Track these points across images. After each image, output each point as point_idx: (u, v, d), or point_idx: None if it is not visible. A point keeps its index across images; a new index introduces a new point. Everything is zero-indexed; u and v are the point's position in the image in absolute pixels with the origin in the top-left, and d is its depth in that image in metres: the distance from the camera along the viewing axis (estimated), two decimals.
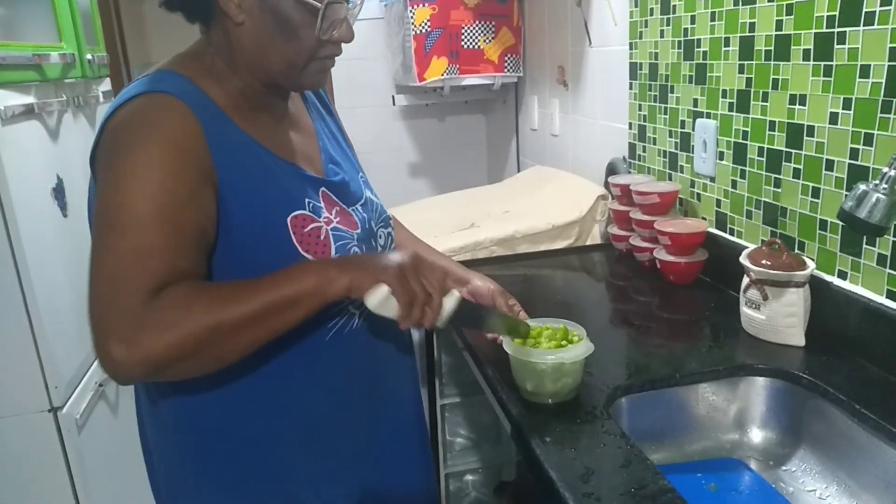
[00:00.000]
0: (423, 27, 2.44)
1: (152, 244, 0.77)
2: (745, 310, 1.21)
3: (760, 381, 1.11)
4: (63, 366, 1.54)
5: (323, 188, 0.94)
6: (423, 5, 2.43)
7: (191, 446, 0.93)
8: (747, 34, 1.33)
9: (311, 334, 0.89)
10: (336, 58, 0.93)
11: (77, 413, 1.57)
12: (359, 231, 0.95)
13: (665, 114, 1.65)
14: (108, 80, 2.16)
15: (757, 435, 1.12)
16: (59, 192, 1.63)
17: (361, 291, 0.82)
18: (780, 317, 1.14)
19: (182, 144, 0.81)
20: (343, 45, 0.92)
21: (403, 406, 1.05)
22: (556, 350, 1.00)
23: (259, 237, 0.86)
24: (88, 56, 1.91)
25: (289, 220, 0.87)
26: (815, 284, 1.16)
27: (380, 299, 0.82)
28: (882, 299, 1.08)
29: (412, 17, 2.43)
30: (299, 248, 0.87)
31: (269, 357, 0.87)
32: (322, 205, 0.92)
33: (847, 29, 1.09)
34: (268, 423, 0.91)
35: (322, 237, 0.89)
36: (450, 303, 0.89)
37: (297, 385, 0.91)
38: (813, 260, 1.18)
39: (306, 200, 0.90)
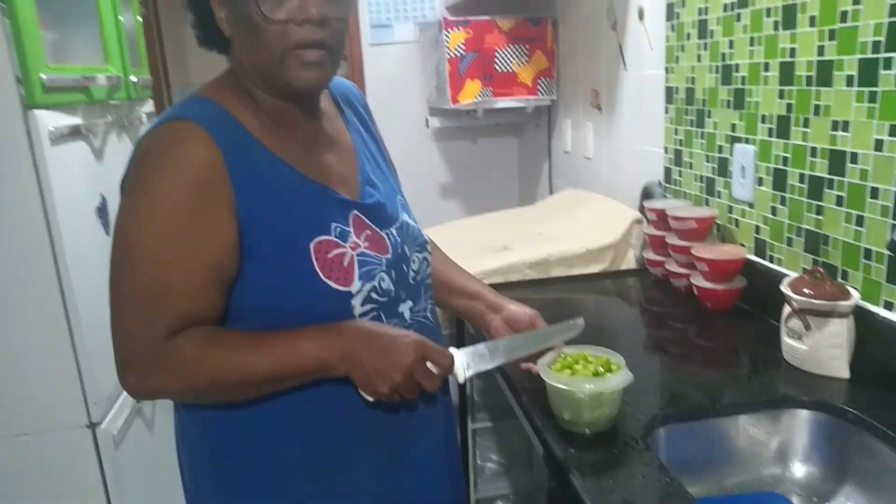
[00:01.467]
0: (458, 50, 2.47)
1: (168, 287, 0.83)
2: (786, 339, 1.18)
3: (803, 414, 1.08)
4: (102, 382, 1.57)
5: (354, 211, 0.94)
6: (458, 29, 2.46)
7: (217, 464, 0.94)
8: (788, 59, 1.31)
9: None
10: (371, 80, 0.93)
11: (115, 429, 1.60)
12: (389, 256, 0.95)
13: (702, 138, 1.63)
14: (150, 101, 2.21)
15: (800, 469, 1.09)
16: (102, 210, 1.67)
17: (356, 383, 0.87)
18: (823, 348, 1.12)
19: (200, 177, 0.83)
20: (376, 67, 0.92)
21: (433, 431, 1.04)
22: (594, 379, 0.99)
23: (281, 262, 0.87)
24: (133, 78, 1.96)
25: (312, 245, 0.88)
26: (860, 315, 1.13)
27: (369, 399, 0.89)
28: None
29: (447, 41, 2.46)
30: (321, 275, 0.87)
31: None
32: (350, 229, 0.92)
33: (893, 54, 1.07)
34: (294, 445, 0.91)
35: (346, 263, 0.89)
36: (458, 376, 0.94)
37: (324, 408, 0.91)
38: (857, 290, 1.16)
39: (333, 225, 0.90)
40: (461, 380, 0.94)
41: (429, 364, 0.88)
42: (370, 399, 0.89)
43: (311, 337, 0.86)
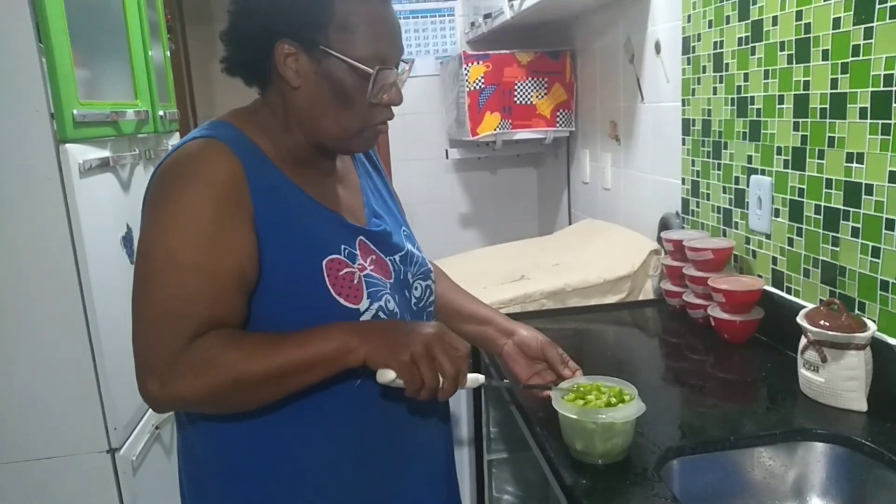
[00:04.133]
0: (478, 84, 2.51)
1: (192, 292, 0.84)
2: (802, 371, 1.17)
3: (820, 447, 1.06)
4: (123, 408, 1.59)
5: (361, 237, 0.97)
6: (478, 63, 2.50)
7: (220, 481, 0.95)
8: (802, 92, 1.32)
9: (343, 377, 0.90)
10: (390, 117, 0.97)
11: (133, 455, 1.62)
12: (392, 281, 0.98)
13: (719, 170, 1.64)
14: (177, 134, 2.28)
15: None
16: (127, 240, 1.72)
17: (376, 366, 0.86)
18: (839, 380, 1.10)
19: (223, 187, 0.85)
20: (396, 105, 0.96)
21: (433, 456, 1.05)
22: (606, 409, 0.99)
23: (294, 278, 0.89)
24: (160, 112, 2.03)
25: (324, 262, 0.90)
26: (877, 347, 1.12)
27: (387, 380, 0.87)
28: None
29: (467, 74, 2.50)
30: (332, 291, 0.90)
31: (300, 397, 0.89)
32: (358, 252, 0.95)
33: None
34: (294, 463, 0.92)
35: (355, 282, 0.92)
36: (469, 383, 0.93)
37: (325, 427, 0.92)
38: (874, 322, 1.15)
39: (342, 246, 0.93)
40: (481, 381, 0.95)
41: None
42: (389, 377, 0.86)
43: (331, 325, 0.87)
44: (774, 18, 1.38)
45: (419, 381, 0.85)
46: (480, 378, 0.94)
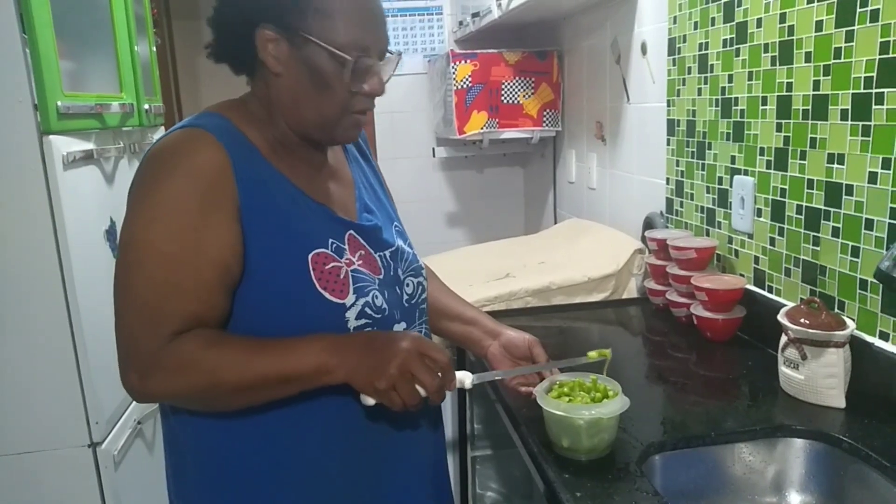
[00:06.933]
0: (465, 82, 2.51)
1: (174, 285, 0.84)
2: (783, 369, 1.19)
3: (799, 443, 1.08)
4: (105, 402, 1.58)
5: (351, 231, 0.97)
6: (465, 61, 2.51)
7: (203, 471, 0.95)
8: (784, 93, 1.34)
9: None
10: (380, 112, 0.98)
11: (115, 449, 1.61)
12: (381, 276, 0.97)
13: (703, 170, 1.66)
14: (162, 128, 2.26)
15: (796, 499, 1.09)
16: (111, 233, 1.71)
17: (355, 386, 0.87)
18: (819, 377, 1.12)
19: (208, 178, 0.85)
20: (385, 98, 0.96)
21: (422, 454, 1.04)
22: (592, 405, 1.00)
23: (279, 271, 0.89)
24: (146, 106, 2.01)
25: (310, 256, 0.90)
26: (856, 345, 1.14)
27: (369, 403, 0.88)
28: None
29: (454, 73, 2.51)
30: (317, 285, 0.89)
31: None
32: (346, 247, 0.94)
33: (885, 90, 1.10)
34: (282, 456, 0.92)
35: (342, 276, 0.92)
36: (458, 384, 0.94)
37: (312, 420, 0.92)
38: (853, 320, 1.16)
39: (330, 241, 0.93)
40: (468, 385, 0.95)
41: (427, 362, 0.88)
42: (370, 402, 0.87)
43: (310, 340, 0.87)
44: (759, 20, 1.40)
45: (400, 403, 0.86)
46: (468, 383, 0.95)
